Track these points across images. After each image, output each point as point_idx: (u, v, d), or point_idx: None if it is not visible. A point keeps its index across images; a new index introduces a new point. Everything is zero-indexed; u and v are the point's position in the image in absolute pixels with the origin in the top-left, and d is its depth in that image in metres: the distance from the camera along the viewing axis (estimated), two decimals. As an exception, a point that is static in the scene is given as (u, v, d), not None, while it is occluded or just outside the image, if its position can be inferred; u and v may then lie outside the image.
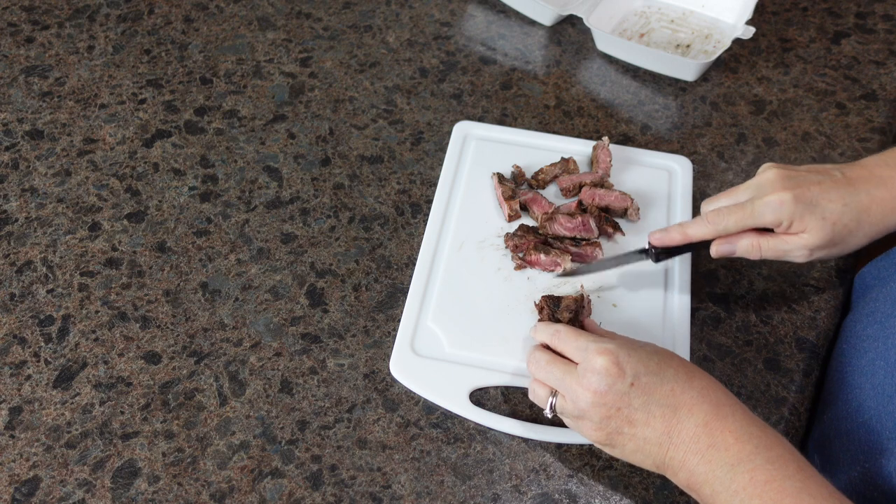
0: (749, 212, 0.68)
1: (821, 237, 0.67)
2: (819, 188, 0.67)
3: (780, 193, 0.67)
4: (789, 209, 0.66)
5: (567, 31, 1.04)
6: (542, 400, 0.65)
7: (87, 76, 0.97)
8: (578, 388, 0.61)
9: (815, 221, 0.67)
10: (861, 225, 0.67)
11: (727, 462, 0.56)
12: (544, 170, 0.86)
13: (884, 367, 0.67)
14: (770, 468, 0.55)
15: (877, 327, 0.70)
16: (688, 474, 0.58)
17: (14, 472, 0.67)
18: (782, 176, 0.68)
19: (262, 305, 0.78)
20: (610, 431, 0.61)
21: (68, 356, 0.74)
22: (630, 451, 0.61)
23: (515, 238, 0.79)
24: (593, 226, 0.79)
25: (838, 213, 0.67)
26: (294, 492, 0.67)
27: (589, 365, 0.61)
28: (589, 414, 0.61)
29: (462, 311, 0.76)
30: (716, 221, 0.69)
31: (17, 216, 0.84)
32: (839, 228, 0.67)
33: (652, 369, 0.60)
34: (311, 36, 1.03)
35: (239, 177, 0.88)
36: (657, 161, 0.89)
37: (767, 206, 0.67)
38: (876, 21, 1.07)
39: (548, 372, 0.64)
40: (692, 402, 0.59)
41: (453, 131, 0.91)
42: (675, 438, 0.59)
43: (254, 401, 0.72)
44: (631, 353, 0.61)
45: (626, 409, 0.60)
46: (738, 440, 0.57)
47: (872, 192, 0.67)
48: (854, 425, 0.68)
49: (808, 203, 0.66)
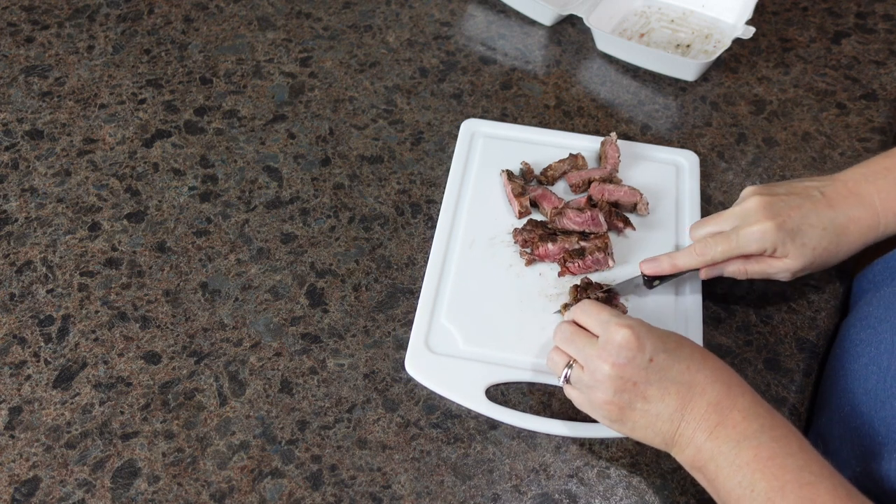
0: (735, 243, 0.71)
1: (802, 262, 0.71)
2: (799, 213, 0.70)
3: (763, 224, 0.70)
4: (772, 238, 0.70)
5: (567, 31, 1.04)
6: (559, 368, 0.67)
7: (87, 76, 0.97)
8: (598, 360, 0.63)
9: (796, 248, 0.70)
10: (840, 246, 0.71)
11: (733, 438, 0.58)
12: (553, 166, 0.86)
13: (876, 372, 0.68)
14: (774, 446, 0.57)
15: (870, 332, 0.71)
16: (694, 451, 0.60)
17: (14, 472, 0.67)
18: (764, 204, 0.71)
19: (262, 305, 0.78)
20: (622, 405, 0.62)
21: (68, 356, 0.74)
22: (640, 427, 0.63)
23: (524, 233, 0.80)
24: (602, 220, 0.80)
25: (818, 238, 0.70)
26: (294, 492, 0.67)
27: (610, 337, 0.63)
28: (604, 386, 0.62)
29: (475, 308, 0.76)
30: (703, 253, 0.73)
31: (17, 216, 0.84)
32: (819, 252, 0.71)
33: (670, 347, 0.62)
34: (311, 36, 1.03)
35: (239, 177, 0.88)
36: (664, 156, 0.89)
37: (752, 237, 0.71)
38: (876, 21, 1.06)
39: (570, 341, 0.66)
40: (705, 382, 0.61)
41: (461, 129, 0.91)
42: (686, 415, 0.60)
43: (254, 401, 0.72)
44: (651, 331, 0.63)
45: (642, 383, 0.61)
46: (745, 418, 0.59)
47: (850, 213, 0.71)
48: (847, 429, 0.68)
49: (790, 231, 0.70)
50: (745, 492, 0.57)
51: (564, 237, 0.79)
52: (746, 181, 0.88)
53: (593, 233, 0.80)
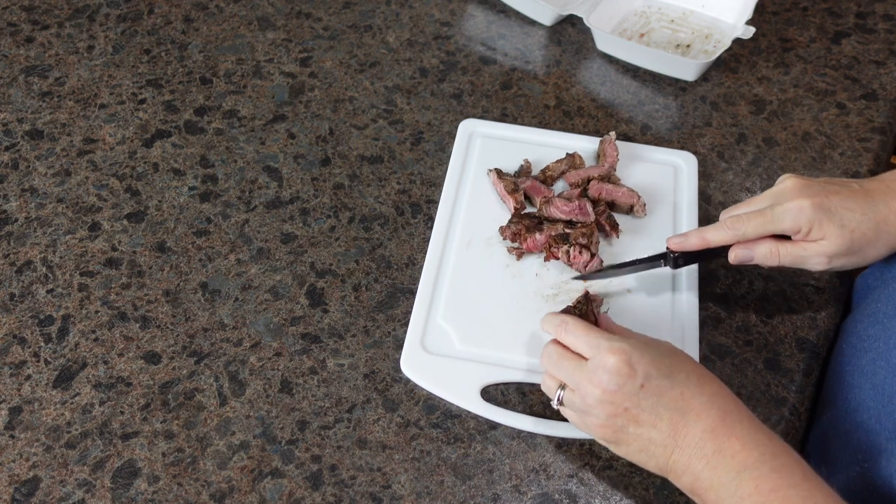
0: (769, 217, 0.68)
1: (839, 245, 0.67)
2: (838, 197, 0.67)
3: (799, 200, 0.67)
4: (808, 215, 0.67)
5: (567, 31, 1.04)
6: (551, 391, 0.65)
7: (87, 76, 0.97)
8: (588, 385, 0.61)
9: (833, 229, 0.67)
10: (880, 235, 0.67)
11: (733, 469, 0.56)
12: (551, 166, 0.86)
13: (884, 368, 0.67)
14: (775, 476, 0.55)
15: (878, 328, 0.70)
16: (692, 479, 0.58)
17: (14, 472, 0.67)
18: (801, 185, 0.68)
19: (262, 305, 0.78)
20: (616, 429, 0.61)
21: (68, 356, 0.74)
22: (634, 451, 0.61)
23: (511, 226, 0.80)
24: (589, 209, 0.80)
25: (857, 222, 0.67)
26: (294, 492, 0.67)
27: (600, 362, 0.61)
28: (595, 411, 0.61)
29: (472, 307, 0.76)
30: (735, 227, 0.69)
31: (17, 216, 0.84)
32: (857, 237, 0.67)
33: (664, 371, 0.60)
34: (311, 36, 1.03)
35: (239, 177, 0.88)
36: (662, 157, 0.89)
37: (787, 212, 0.67)
38: (876, 21, 1.06)
39: (558, 366, 0.64)
40: (701, 408, 0.59)
41: (459, 129, 0.91)
42: (680, 442, 0.59)
43: (254, 401, 0.72)
44: (644, 354, 0.60)
45: (633, 409, 0.60)
46: (744, 447, 0.57)
47: (891, 204, 0.67)
48: (853, 425, 0.68)
49: (827, 210, 0.66)
50: None
51: (550, 225, 0.79)
52: (746, 181, 0.89)
53: (580, 222, 0.80)
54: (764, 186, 0.88)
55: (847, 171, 0.90)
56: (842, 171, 0.90)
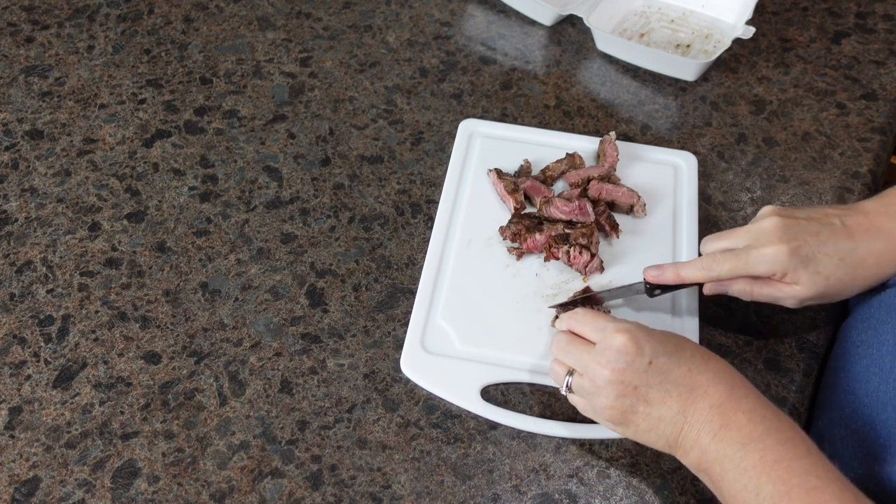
0: (744, 262, 0.68)
1: (813, 291, 0.68)
2: (816, 240, 0.67)
3: (776, 246, 0.67)
4: (784, 263, 0.67)
5: (567, 31, 1.04)
6: (560, 378, 0.66)
7: (87, 76, 0.97)
8: (597, 366, 0.62)
9: (808, 276, 0.67)
10: (856, 279, 0.68)
11: (738, 441, 0.58)
12: (551, 167, 0.86)
13: (878, 374, 0.67)
14: (780, 449, 0.57)
15: (871, 333, 0.70)
16: (699, 453, 0.60)
17: (14, 472, 0.67)
18: (781, 226, 0.68)
19: (262, 305, 0.78)
20: (624, 409, 0.62)
21: (68, 356, 0.74)
22: (643, 430, 0.62)
23: (511, 226, 0.80)
24: (589, 209, 0.80)
25: (833, 268, 0.67)
26: (294, 492, 0.67)
27: (608, 343, 0.62)
28: (605, 392, 0.62)
29: (472, 307, 0.76)
30: (710, 268, 0.70)
31: (17, 216, 0.84)
32: (833, 283, 0.68)
33: (669, 349, 0.62)
34: (311, 36, 1.03)
35: (239, 177, 0.88)
36: (662, 157, 0.89)
37: (763, 258, 0.67)
38: (876, 21, 1.06)
39: (566, 352, 0.65)
40: (707, 383, 0.60)
41: (459, 129, 0.91)
42: (689, 417, 0.60)
43: (254, 401, 0.72)
44: (649, 334, 0.62)
45: (642, 387, 0.61)
46: (750, 421, 0.58)
47: (870, 245, 0.67)
48: (848, 431, 0.68)
49: (804, 258, 0.67)
50: (750, 495, 0.56)
51: (550, 225, 0.79)
52: (746, 181, 0.89)
53: (580, 222, 0.80)
54: (764, 186, 0.88)
55: (847, 171, 0.90)
56: (842, 171, 0.90)
